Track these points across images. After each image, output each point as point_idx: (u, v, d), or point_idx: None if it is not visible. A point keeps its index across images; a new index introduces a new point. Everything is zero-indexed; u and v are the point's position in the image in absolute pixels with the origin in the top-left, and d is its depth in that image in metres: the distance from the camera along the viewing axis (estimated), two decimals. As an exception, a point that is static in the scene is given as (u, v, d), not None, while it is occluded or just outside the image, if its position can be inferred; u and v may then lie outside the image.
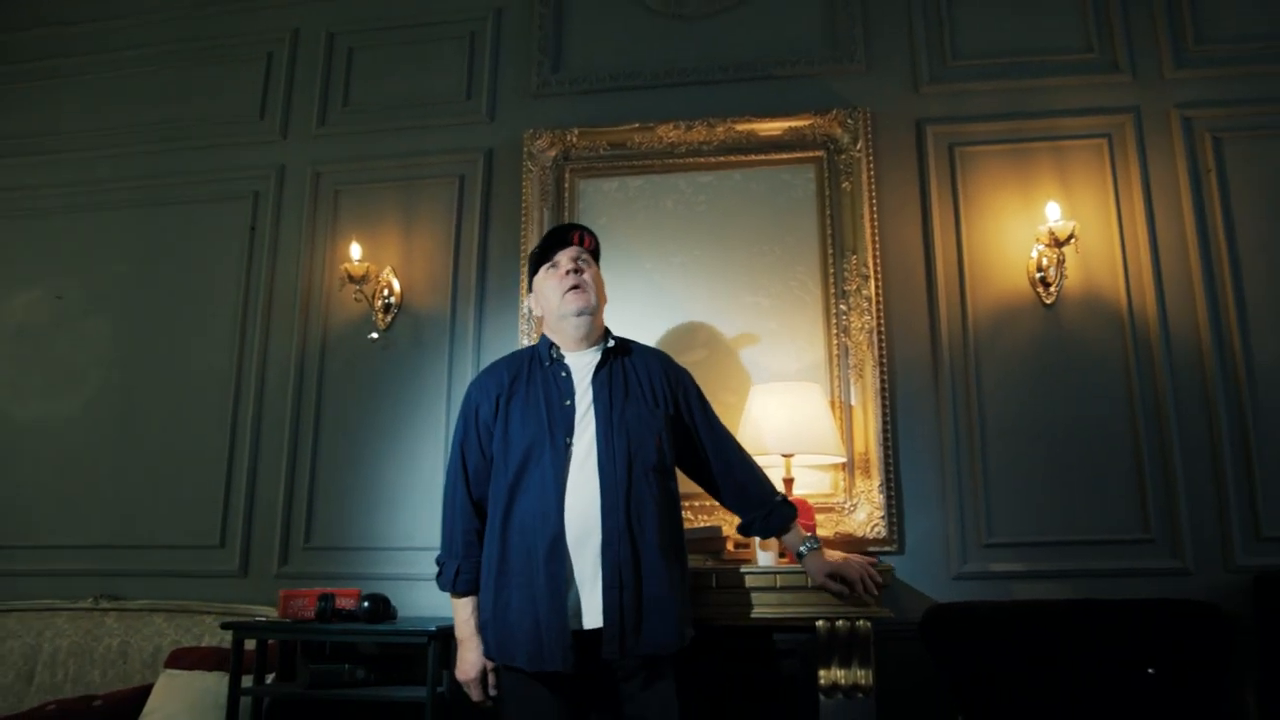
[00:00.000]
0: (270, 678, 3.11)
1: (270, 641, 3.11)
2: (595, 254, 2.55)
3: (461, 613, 2.36)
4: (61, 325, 4.03)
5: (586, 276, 2.43)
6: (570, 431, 2.30)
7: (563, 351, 2.43)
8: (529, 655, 2.18)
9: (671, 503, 2.37)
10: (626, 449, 2.29)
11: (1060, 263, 3.30)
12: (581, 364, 2.41)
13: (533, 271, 2.53)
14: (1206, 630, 2.84)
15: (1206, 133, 3.44)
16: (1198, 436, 3.21)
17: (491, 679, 2.33)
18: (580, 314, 2.40)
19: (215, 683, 3.06)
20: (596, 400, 2.35)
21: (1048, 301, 3.34)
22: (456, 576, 2.35)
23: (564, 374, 2.39)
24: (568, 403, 2.34)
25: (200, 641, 3.37)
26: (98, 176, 4.14)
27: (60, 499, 3.84)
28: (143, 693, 3.16)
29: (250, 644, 3.05)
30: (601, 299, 2.48)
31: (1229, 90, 3.46)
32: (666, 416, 2.42)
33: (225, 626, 3.02)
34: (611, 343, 2.47)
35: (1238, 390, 3.22)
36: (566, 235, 2.51)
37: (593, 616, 2.20)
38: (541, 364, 2.42)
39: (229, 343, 3.85)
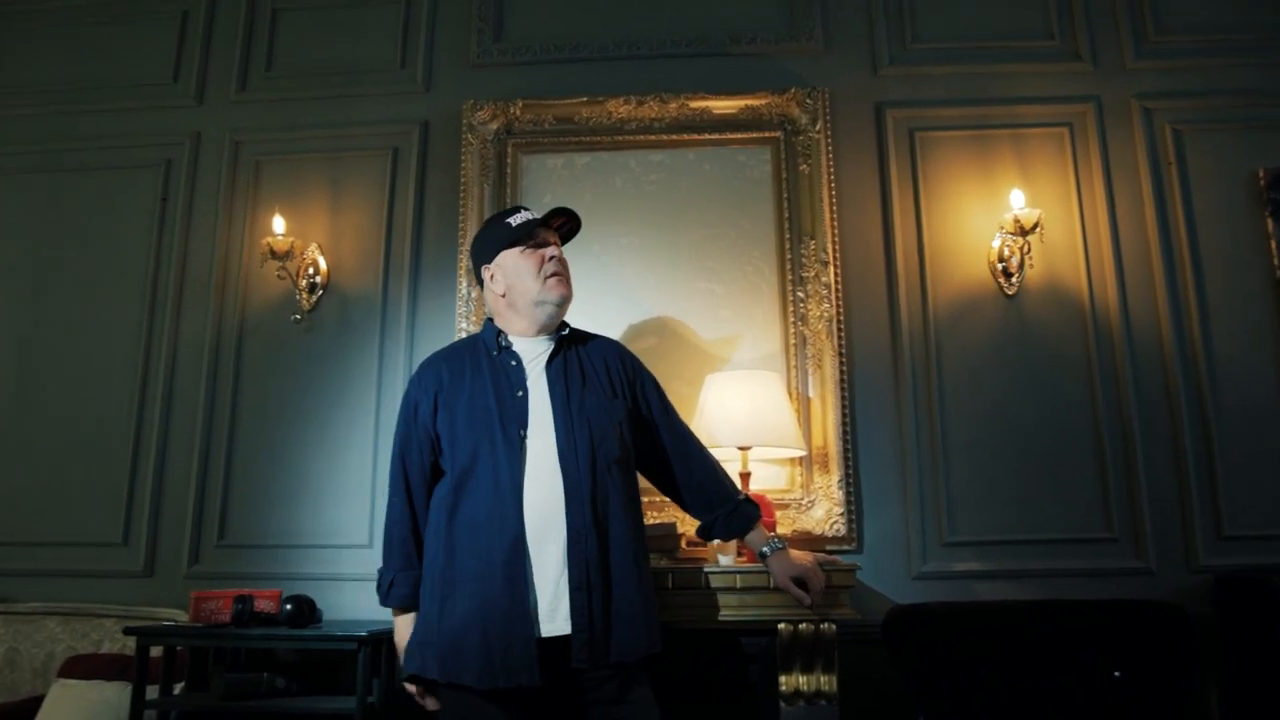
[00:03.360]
0: (179, 688, 2.85)
1: (179, 648, 2.84)
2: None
3: (399, 627, 2.19)
4: (-52, 301, 3.67)
5: (565, 266, 2.29)
6: (524, 424, 2.11)
7: (511, 339, 2.24)
8: (481, 671, 1.97)
9: (635, 498, 2.21)
10: (589, 440, 2.12)
11: (1025, 252, 3.22)
12: (533, 353, 2.23)
13: (498, 246, 2.28)
14: (1173, 632, 2.79)
15: (1166, 124, 3.41)
16: (1160, 432, 3.17)
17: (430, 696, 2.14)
18: (561, 303, 2.25)
19: (116, 693, 2.83)
20: (553, 390, 2.17)
21: (1009, 292, 3.26)
22: (391, 588, 2.17)
23: (514, 363, 2.20)
24: (519, 394, 2.15)
25: (99, 648, 3.11)
26: (-6, 139, 3.79)
27: (-59, 491, 3.49)
28: (33, 705, 2.92)
29: (156, 651, 2.80)
30: None
31: (1189, 82, 3.44)
32: (626, 408, 2.26)
33: (128, 632, 2.77)
34: (566, 330, 2.30)
35: (1198, 385, 3.18)
36: (550, 218, 2.33)
37: (557, 623, 2.00)
38: (488, 353, 2.23)
39: (136, 323, 3.54)
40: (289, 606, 2.71)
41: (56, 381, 3.53)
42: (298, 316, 3.42)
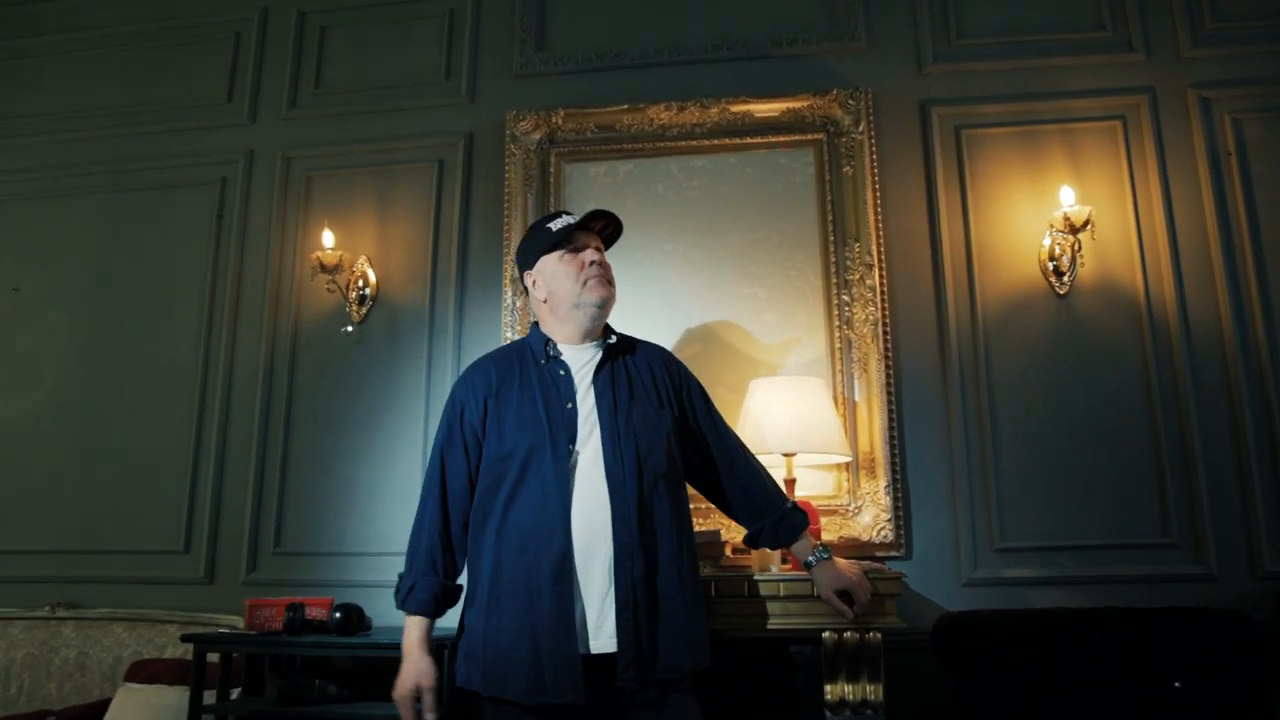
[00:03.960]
0: (236, 693, 2.92)
1: (235, 655, 2.91)
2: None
3: (409, 629, 2.13)
4: (19, 318, 3.82)
5: (607, 269, 2.27)
6: (574, 437, 2.09)
7: (560, 348, 2.23)
8: (527, 687, 1.96)
9: (683, 512, 2.18)
10: (635, 455, 2.09)
11: (1075, 250, 3.13)
12: (580, 362, 2.21)
13: (539, 252, 2.28)
14: (1236, 640, 2.68)
15: (1225, 114, 3.29)
16: (1221, 434, 3.06)
17: (429, 699, 2.08)
18: (602, 305, 2.21)
19: (176, 698, 2.90)
20: (600, 402, 2.14)
21: (1061, 291, 3.18)
22: (410, 593, 2.12)
23: (562, 372, 2.18)
24: (569, 405, 2.13)
25: (163, 653, 3.20)
26: (59, 162, 3.93)
27: (15, 501, 3.63)
28: (100, 707, 3.00)
29: (214, 656, 2.86)
30: None
31: (1248, 69, 3.31)
32: (673, 418, 2.23)
33: (185, 639, 2.84)
34: (613, 339, 2.27)
35: (1262, 385, 3.07)
36: (589, 220, 2.29)
37: (602, 640, 1.99)
38: (536, 361, 2.21)
39: (195, 336, 3.65)
40: (338, 614, 2.76)
41: (121, 394, 3.65)
42: (348, 328, 3.48)
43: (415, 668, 2.10)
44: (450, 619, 2.20)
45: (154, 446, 3.57)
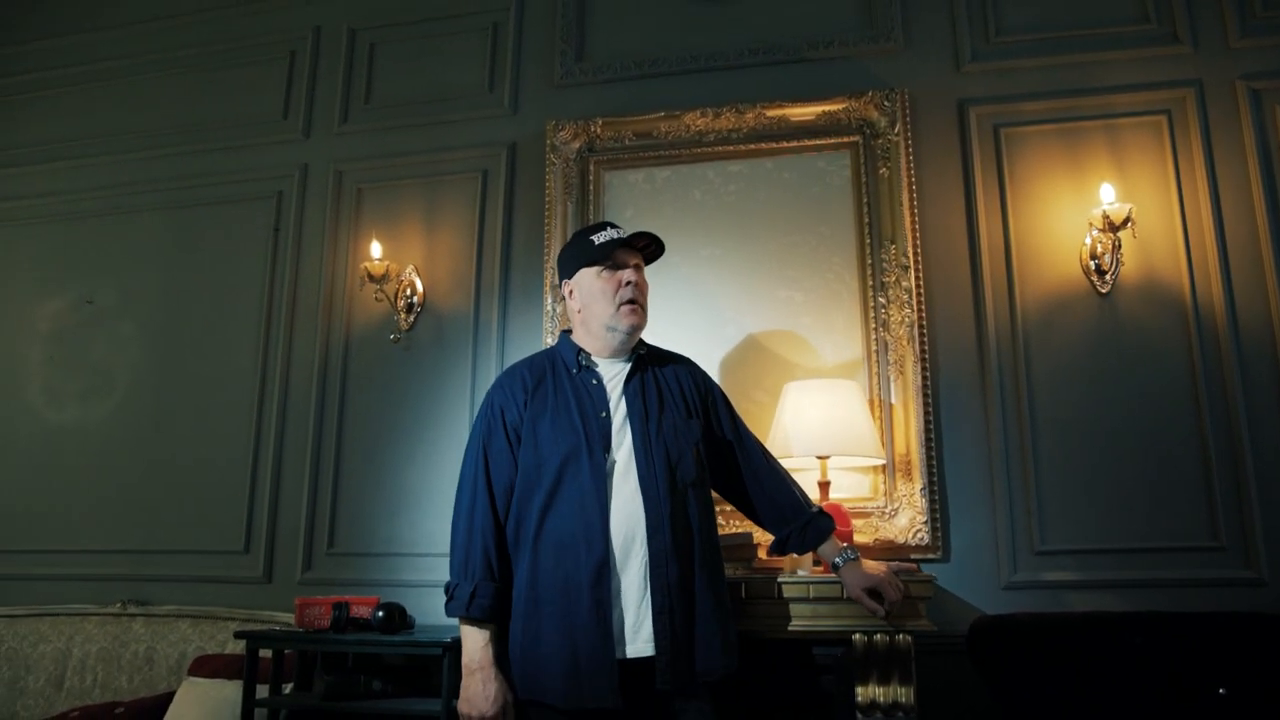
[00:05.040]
0: (288, 688, 3.04)
1: (287, 651, 3.03)
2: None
3: (477, 640, 2.09)
4: (92, 329, 4.03)
5: (643, 292, 2.29)
6: (609, 445, 2.14)
7: (592, 359, 2.28)
8: (566, 691, 2.00)
9: (712, 519, 2.23)
10: (666, 463, 2.14)
11: (1116, 249, 3.08)
12: (612, 372, 2.26)
13: (579, 263, 2.31)
14: (1282, 646, 2.61)
15: (1276, 106, 3.19)
16: (1271, 434, 2.97)
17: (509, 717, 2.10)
18: (631, 332, 2.25)
19: (234, 691, 3.00)
20: (631, 411, 2.19)
21: (1103, 290, 3.13)
22: (472, 600, 2.08)
23: (595, 382, 2.23)
24: (603, 414, 2.18)
25: (224, 648, 3.34)
26: (125, 180, 4.13)
27: (91, 503, 3.83)
28: (165, 700, 3.13)
29: (267, 652, 2.99)
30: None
31: (1301, 58, 3.21)
32: (701, 428, 2.28)
33: (239, 635, 2.96)
34: (644, 350, 2.32)
35: (1315, 383, 2.97)
36: (634, 240, 2.31)
37: (639, 644, 2.04)
38: (569, 370, 2.26)
39: (254, 344, 3.80)
40: (380, 614, 2.85)
41: (185, 402, 3.82)
42: (395, 336, 3.59)
43: (499, 683, 2.07)
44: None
45: (216, 451, 3.73)
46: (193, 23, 4.22)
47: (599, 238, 2.28)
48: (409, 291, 3.62)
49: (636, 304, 2.25)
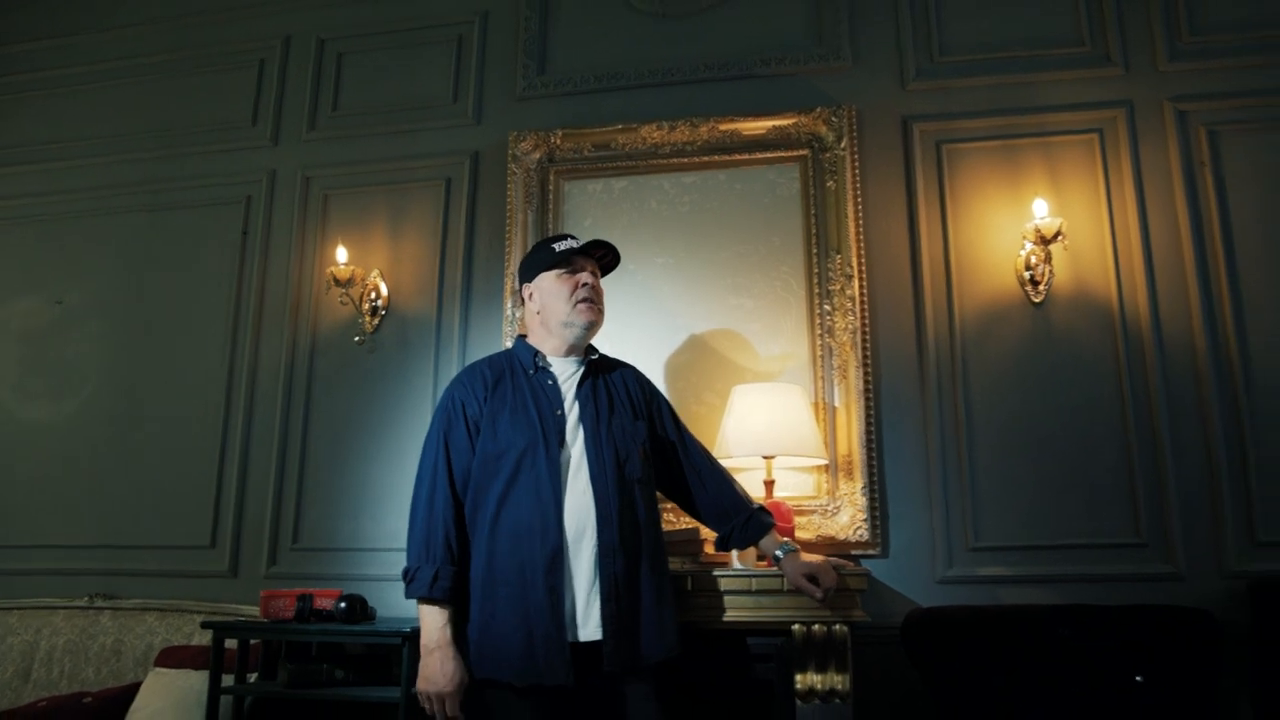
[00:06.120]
0: (253, 677, 3.13)
1: (254, 641, 3.13)
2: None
3: (437, 620, 2.21)
4: (61, 329, 4.09)
5: (599, 294, 2.46)
6: (564, 441, 2.29)
7: (548, 359, 2.42)
8: (523, 669, 2.13)
9: (656, 515, 2.38)
10: (615, 461, 2.29)
11: (1048, 260, 3.24)
12: (566, 373, 2.42)
13: (540, 268, 2.46)
14: (1196, 637, 2.77)
15: (1201, 126, 3.35)
16: (1191, 438, 3.14)
17: (453, 706, 2.21)
18: (588, 327, 2.41)
19: (200, 681, 3.08)
20: (584, 412, 2.34)
21: (1036, 300, 3.28)
22: (434, 582, 2.20)
23: (550, 382, 2.38)
24: (559, 412, 2.33)
25: (190, 640, 3.40)
26: (96, 183, 4.20)
27: (61, 499, 3.89)
28: (132, 690, 3.20)
29: (233, 643, 3.08)
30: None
31: (1224, 82, 3.38)
32: (647, 429, 2.44)
33: (205, 626, 3.04)
34: (595, 356, 2.49)
35: (1233, 391, 3.14)
36: (591, 249, 2.49)
37: (589, 629, 2.18)
38: (525, 370, 2.41)
39: (222, 345, 3.88)
40: (343, 605, 2.96)
41: (153, 400, 3.90)
42: (359, 338, 3.69)
43: (457, 662, 2.20)
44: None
45: (184, 448, 3.81)
46: (165, 30, 4.29)
47: (559, 245, 2.45)
48: (374, 295, 3.72)
49: (593, 302, 2.41)
